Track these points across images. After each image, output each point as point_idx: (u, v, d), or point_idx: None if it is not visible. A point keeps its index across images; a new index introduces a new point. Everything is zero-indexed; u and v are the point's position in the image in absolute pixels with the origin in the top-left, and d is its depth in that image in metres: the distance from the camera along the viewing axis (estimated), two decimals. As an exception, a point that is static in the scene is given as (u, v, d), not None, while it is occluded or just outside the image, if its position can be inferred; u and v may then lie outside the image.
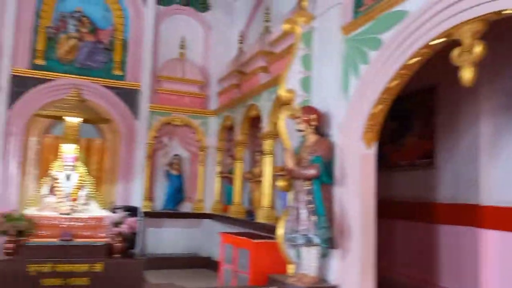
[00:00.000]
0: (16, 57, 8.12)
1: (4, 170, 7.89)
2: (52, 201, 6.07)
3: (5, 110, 7.95)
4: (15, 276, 5.14)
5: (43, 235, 5.58)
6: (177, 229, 9.01)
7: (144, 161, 8.78)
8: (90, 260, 5.48)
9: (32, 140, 8.21)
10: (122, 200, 8.31)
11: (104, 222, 5.87)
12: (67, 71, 8.46)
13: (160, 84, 9.18)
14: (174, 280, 7.25)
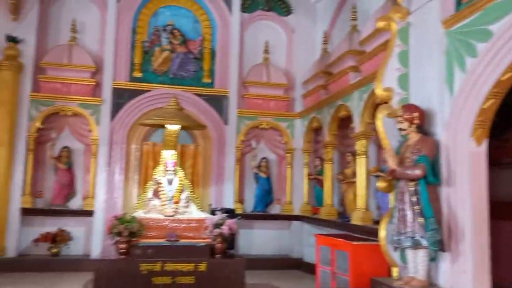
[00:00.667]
0: (116, 71, 8.79)
1: (109, 176, 8.57)
2: (157, 204, 6.51)
3: (108, 121, 8.63)
4: (129, 274, 5.57)
5: (151, 236, 6.00)
6: (267, 230, 9.17)
7: (234, 164, 9.06)
8: (195, 260, 5.78)
9: (133, 147, 8.83)
10: (215, 203, 8.63)
11: (205, 224, 6.16)
12: (162, 82, 9.00)
13: (246, 89, 9.44)
14: (269, 280, 7.40)
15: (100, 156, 8.55)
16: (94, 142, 8.58)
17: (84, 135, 8.70)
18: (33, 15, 8.49)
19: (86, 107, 8.59)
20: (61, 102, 8.49)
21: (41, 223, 8.28)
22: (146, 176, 8.78)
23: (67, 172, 8.52)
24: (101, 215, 8.36)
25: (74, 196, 8.66)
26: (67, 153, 8.57)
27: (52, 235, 8.14)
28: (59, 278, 7.41)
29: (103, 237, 8.21)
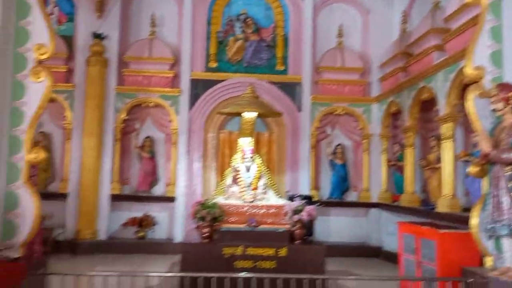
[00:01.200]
0: (193, 62, 9.07)
1: (189, 164, 8.91)
2: (236, 191, 6.64)
3: (187, 111, 8.95)
4: (212, 257, 5.75)
5: (232, 221, 6.14)
6: (343, 217, 9.03)
7: (309, 151, 9.00)
8: (275, 245, 5.84)
9: (210, 136, 9.09)
10: (290, 190, 8.65)
11: (284, 210, 6.20)
12: (236, 71, 9.14)
13: (320, 75, 9.30)
14: (348, 268, 7.30)
15: (179, 145, 8.91)
16: (174, 132, 8.95)
17: (164, 125, 9.10)
18: (116, 12, 8.97)
19: (166, 98, 8.96)
20: (143, 94, 8.93)
21: (128, 208, 8.83)
22: (222, 164, 9.02)
23: (150, 160, 8.99)
24: (182, 201, 8.75)
25: (157, 183, 9.12)
26: (149, 142, 9.03)
27: (138, 220, 8.66)
28: (145, 260, 7.87)
29: (185, 222, 8.62)
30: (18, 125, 4.59)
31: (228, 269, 5.69)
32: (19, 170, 4.56)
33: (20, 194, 4.53)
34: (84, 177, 8.53)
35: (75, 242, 8.30)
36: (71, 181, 8.59)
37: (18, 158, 4.56)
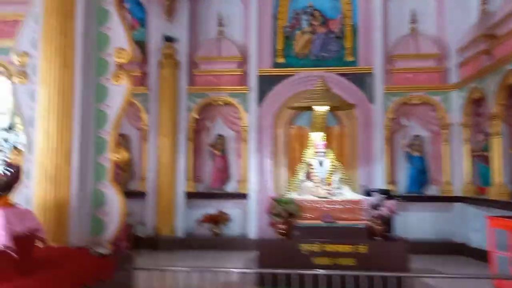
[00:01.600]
0: (261, 59, 9.06)
1: (260, 161, 8.92)
2: (310, 186, 6.53)
3: (256, 108, 8.96)
4: (290, 253, 5.69)
5: (308, 218, 6.05)
6: (423, 213, 8.57)
7: (383, 144, 8.64)
8: (354, 242, 5.66)
9: (279, 132, 9.04)
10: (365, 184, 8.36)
11: (361, 205, 5.99)
12: (304, 65, 9.01)
13: (393, 64, 8.89)
14: (433, 266, 6.91)
15: (250, 142, 8.95)
16: (244, 129, 9.01)
17: (234, 122, 9.19)
18: (184, 14, 9.19)
19: (235, 96, 9.04)
20: (213, 93, 9.08)
21: (203, 205, 9.02)
22: (293, 159, 8.95)
23: (222, 158, 9.12)
24: (254, 197, 8.79)
25: (230, 180, 9.23)
26: (221, 140, 9.16)
27: (213, 217, 8.81)
28: (222, 256, 7.99)
29: (258, 218, 8.65)
30: (102, 127, 4.82)
31: (306, 266, 5.60)
32: (105, 169, 4.79)
33: (106, 193, 4.76)
34: (161, 176, 8.84)
35: (155, 239, 8.63)
36: (148, 180, 8.95)
37: (104, 158, 4.79)
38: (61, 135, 4.43)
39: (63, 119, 4.46)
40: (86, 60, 4.71)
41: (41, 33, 4.60)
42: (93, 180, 4.75)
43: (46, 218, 4.24)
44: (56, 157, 4.41)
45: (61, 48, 4.49)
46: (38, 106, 4.51)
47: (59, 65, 4.47)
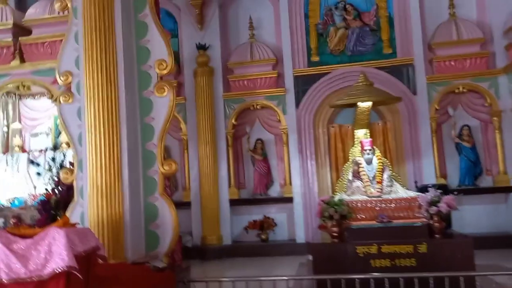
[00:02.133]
0: (295, 59, 8.91)
1: (302, 163, 8.75)
2: (360, 185, 6.29)
3: (294, 109, 8.81)
4: (346, 257, 5.48)
5: (361, 218, 5.81)
6: (478, 206, 8.16)
7: (430, 136, 8.30)
8: (413, 241, 5.39)
9: (320, 131, 8.84)
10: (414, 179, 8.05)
11: (417, 202, 5.72)
12: (340, 61, 8.80)
13: (434, 52, 8.55)
14: (496, 261, 6.53)
15: (291, 144, 8.81)
16: (283, 131, 8.87)
17: (273, 125, 9.07)
18: (215, 21, 9.16)
19: (272, 99, 8.93)
20: (249, 98, 9.00)
21: (247, 211, 8.93)
22: (336, 159, 8.74)
23: (263, 162, 9.01)
24: (299, 201, 8.62)
25: (272, 184, 9.10)
26: (261, 144, 9.06)
27: (259, 222, 8.70)
28: (271, 262, 7.85)
29: (305, 222, 8.49)
30: (149, 140, 4.79)
31: (365, 269, 5.38)
32: (154, 182, 4.75)
33: (158, 206, 4.72)
34: (204, 185, 8.81)
35: (202, 248, 8.59)
36: (192, 189, 8.94)
37: (153, 171, 4.75)
38: (110, 151, 4.41)
39: (112, 134, 4.44)
40: (128, 74, 4.69)
41: (83, 51, 4.61)
42: (144, 194, 4.72)
43: (102, 235, 4.23)
44: (107, 173, 4.39)
45: (103, 65, 4.48)
46: (85, 124, 4.52)
47: (103, 81, 4.46)
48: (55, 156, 7.35)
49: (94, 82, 4.47)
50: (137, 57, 4.84)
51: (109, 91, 4.48)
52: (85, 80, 4.55)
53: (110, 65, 4.53)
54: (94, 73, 4.47)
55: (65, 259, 3.09)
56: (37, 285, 3.14)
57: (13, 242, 3.26)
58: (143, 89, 4.83)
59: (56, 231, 3.23)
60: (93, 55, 4.49)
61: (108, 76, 4.49)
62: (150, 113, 4.80)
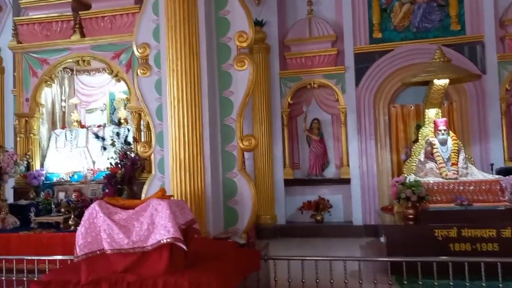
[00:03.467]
0: (356, 35, 8.58)
1: (361, 143, 8.49)
2: (434, 167, 6.04)
3: (353, 88, 8.53)
4: (423, 240, 5.27)
5: (438, 200, 5.58)
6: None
7: (500, 117, 7.90)
8: (497, 225, 5.13)
9: (380, 111, 8.54)
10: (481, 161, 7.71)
11: (498, 185, 5.43)
12: (404, 38, 8.43)
13: (506, 29, 8.07)
14: None
15: (349, 124, 8.56)
16: (342, 111, 8.62)
17: (330, 105, 8.83)
18: (273, -4, 8.92)
19: (330, 77, 8.66)
20: (306, 76, 8.76)
21: (302, 192, 8.79)
22: (396, 140, 8.47)
23: (319, 142, 8.82)
24: (357, 182, 8.41)
25: (328, 165, 8.91)
26: (317, 124, 8.84)
27: (315, 203, 8.56)
28: (327, 243, 7.71)
29: (363, 204, 8.30)
30: (228, 115, 4.66)
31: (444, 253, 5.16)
32: (233, 158, 4.64)
33: (237, 182, 4.62)
34: (258, 164, 8.70)
35: (257, 227, 8.50)
36: (246, 168, 8.76)
37: (232, 146, 4.64)
38: (193, 125, 4.32)
39: (194, 108, 4.34)
40: (209, 46, 4.56)
41: (164, 22, 4.49)
42: (223, 170, 4.62)
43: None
44: (190, 147, 4.30)
45: (186, 36, 4.35)
46: (167, 97, 4.42)
47: (186, 53, 4.33)
48: (119, 131, 7.38)
49: (177, 54, 4.34)
50: (216, 28, 4.69)
51: (192, 63, 4.36)
52: (166, 51, 4.44)
53: (193, 37, 4.40)
54: (178, 45, 4.34)
55: (170, 231, 3.02)
56: (140, 256, 3.09)
57: (114, 213, 3.23)
58: (222, 62, 4.68)
59: (158, 202, 3.17)
60: (176, 26, 4.36)
61: (191, 47, 4.36)
62: (229, 87, 4.66)
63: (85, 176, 7.93)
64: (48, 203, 7.17)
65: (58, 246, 6.25)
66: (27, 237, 6.41)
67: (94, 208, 3.22)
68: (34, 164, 8.04)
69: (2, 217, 7.03)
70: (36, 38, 8.12)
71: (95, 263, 3.09)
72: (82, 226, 3.18)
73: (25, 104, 8.13)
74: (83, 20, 7.96)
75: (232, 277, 3.22)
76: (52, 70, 8.10)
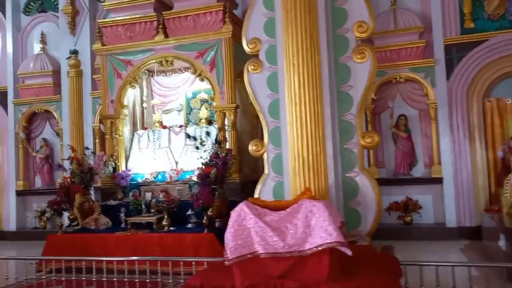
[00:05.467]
0: (446, 26, 8.09)
1: (452, 140, 7.99)
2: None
3: (444, 81, 8.04)
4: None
5: None
6: None
7: None
8: None
9: (473, 106, 8.00)
10: None
11: None
12: (499, 27, 7.86)
13: None
14: None
15: (440, 120, 8.08)
16: (431, 106, 8.15)
17: (417, 100, 8.39)
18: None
19: (418, 71, 8.21)
20: (391, 70, 8.34)
21: (387, 192, 8.32)
22: (492, 136, 7.92)
23: (407, 140, 8.38)
24: (450, 182, 7.93)
25: (416, 163, 8.46)
26: (404, 120, 8.41)
27: (402, 204, 8.15)
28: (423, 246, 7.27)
29: (457, 204, 7.82)
30: (347, 110, 4.42)
31: None
32: (354, 155, 4.39)
33: (358, 181, 4.37)
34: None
35: (344, 229, 8.21)
36: (329, 167, 8.55)
37: (352, 143, 4.39)
38: (315, 121, 4.09)
39: (315, 103, 4.11)
40: (327, 38, 4.33)
41: (281, 15, 4.30)
42: (342, 168, 4.38)
43: (314, 211, 3.94)
44: (312, 144, 4.08)
45: (307, 28, 4.13)
46: (286, 92, 4.22)
47: (308, 46, 4.12)
48: (209, 131, 7.30)
49: (298, 47, 4.14)
50: (332, 20, 4.45)
51: (313, 57, 4.14)
52: (284, 45, 4.24)
53: (314, 29, 4.18)
54: (298, 38, 4.14)
55: (333, 234, 2.81)
56: (296, 261, 2.89)
57: (263, 214, 3.05)
58: (339, 55, 4.44)
59: (313, 203, 2.96)
60: (296, 19, 4.15)
61: (312, 40, 4.15)
62: (348, 80, 4.41)
63: (170, 177, 7.92)
64: (138, 204, 7.19)
65: (156, 246, 6.23)
66: (125, 238, 6.44)
67: (242, 209, 3.06)
68: (120, 165, 8.13)
69: (95, 218, 7.14)
70: (120, 40, 8.21)
71: (248, 267, 2.93)
72: (231, 227, 3.03)
73: (110, 106, 8.23)
74: (166, 20, 7.96)
75: (395, 284, 2.96)
76: (136, 71, 8.17)
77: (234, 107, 7.49)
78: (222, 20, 7.58)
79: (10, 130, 10.66)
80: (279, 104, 4.47)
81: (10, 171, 10.62)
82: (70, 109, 9.80)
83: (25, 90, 10.65)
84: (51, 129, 10.74)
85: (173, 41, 7.86)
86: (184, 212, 6.82)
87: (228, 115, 7.54)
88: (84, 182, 7.30)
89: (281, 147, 4.43)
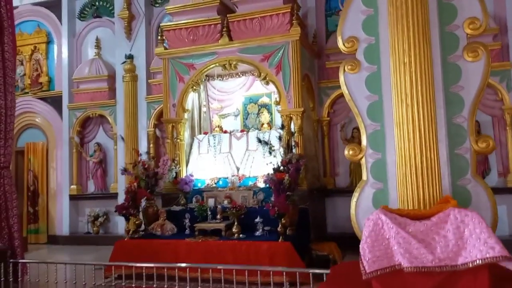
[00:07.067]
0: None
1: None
2: None
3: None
4: None
5: None
6: None
7: None
8: None
9: (554, 112, 7.55)
10: None
11: None
12: None
13: None
14: None
15: (516, 126, 7.65)
16: (508, 111, 7.72)
17: (490, 105, 7.98)
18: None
19: (492, 74, 7.65)
20: (463, 74, 7.95)
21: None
22: None
23: (480, 147, 7.95)
24: (528, 192, 7.47)
25: (489, 172, 8.02)
26: (476, 127, 7.98)
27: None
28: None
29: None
30: (458, 112, 4.07)
31: None
32: (466, 161, 4.05)
33: (470, 190, 4.02)
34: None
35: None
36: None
37: (464, 149, 4.05)
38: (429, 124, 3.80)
39: (428, 105, 3.82)
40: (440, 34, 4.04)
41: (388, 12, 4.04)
42: (453, 175, 4.05)
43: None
44: (425, 150, 3.79)
45: (420, 25, 3.86)
46: (395, 93, 3.94)
47: (421, 43, 3.84)
48: (281, 135, 7.09)
49: (409, 44, 3.85)
50: (439, 15, 4.16)
51: (425, 54, 3.86)
52: (391, 43, 3.97)
53: (425, 25, 3.91)
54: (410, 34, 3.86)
55: (495, 247, 2.51)
56: (446, 276, 2.59)
57: (405, 224, 2.77)
58: (448, 54, 4.13)
59: (464, 213, 2.67)
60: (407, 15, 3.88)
61: (424, 37, 3.87)
62: (458, 81, 4.09)
63: (232, 182, 7.73)
64: (203, 210, 7.01)
65: (229, 254, 6.02)
66: (196, 244, 6.26)
67: (379, 217, 2.79)
68: (182, 170, 8.00)
69: (161, 223, 6.99)
70: (182, 43, 8.12)
71: (390, 282, 2.65)
72: (367, 237, 2.76)
73: (172, 110, 8.13)
74: (231, 23, 7.83)
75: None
76: (198, 75, 8.05)
77: (302, 111, 7.26)
78: (289, 23, 7.38)
79: (64, 135, 10.71)
80: (380, 106, 4.19)
81: (64, 175, 10.65)
82: (125, 114, 9.79)
83: (80, 95, 10.70)
84: (105, 133, 10.73)
85: (238, 44, 7.72)
86: (251, 219, 6.60)
87: (295, 120, 7.31)
88: (149, 187, 7.19)
89: (383, 151, 4.15)
